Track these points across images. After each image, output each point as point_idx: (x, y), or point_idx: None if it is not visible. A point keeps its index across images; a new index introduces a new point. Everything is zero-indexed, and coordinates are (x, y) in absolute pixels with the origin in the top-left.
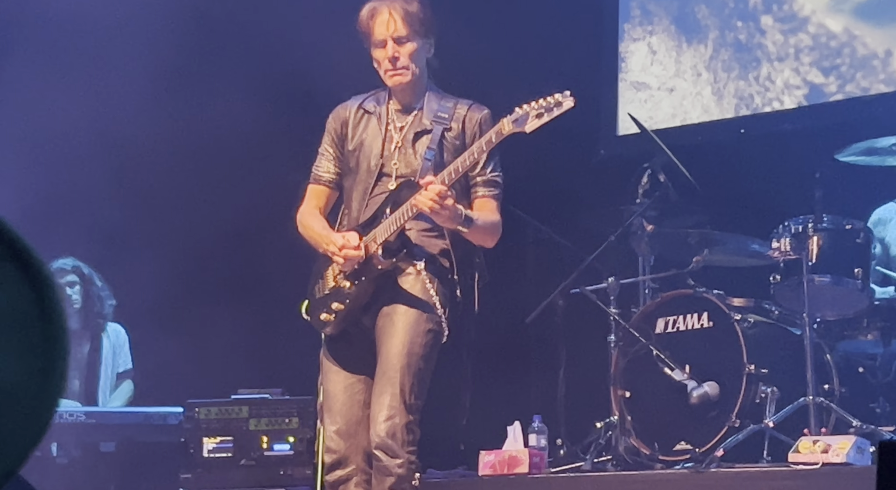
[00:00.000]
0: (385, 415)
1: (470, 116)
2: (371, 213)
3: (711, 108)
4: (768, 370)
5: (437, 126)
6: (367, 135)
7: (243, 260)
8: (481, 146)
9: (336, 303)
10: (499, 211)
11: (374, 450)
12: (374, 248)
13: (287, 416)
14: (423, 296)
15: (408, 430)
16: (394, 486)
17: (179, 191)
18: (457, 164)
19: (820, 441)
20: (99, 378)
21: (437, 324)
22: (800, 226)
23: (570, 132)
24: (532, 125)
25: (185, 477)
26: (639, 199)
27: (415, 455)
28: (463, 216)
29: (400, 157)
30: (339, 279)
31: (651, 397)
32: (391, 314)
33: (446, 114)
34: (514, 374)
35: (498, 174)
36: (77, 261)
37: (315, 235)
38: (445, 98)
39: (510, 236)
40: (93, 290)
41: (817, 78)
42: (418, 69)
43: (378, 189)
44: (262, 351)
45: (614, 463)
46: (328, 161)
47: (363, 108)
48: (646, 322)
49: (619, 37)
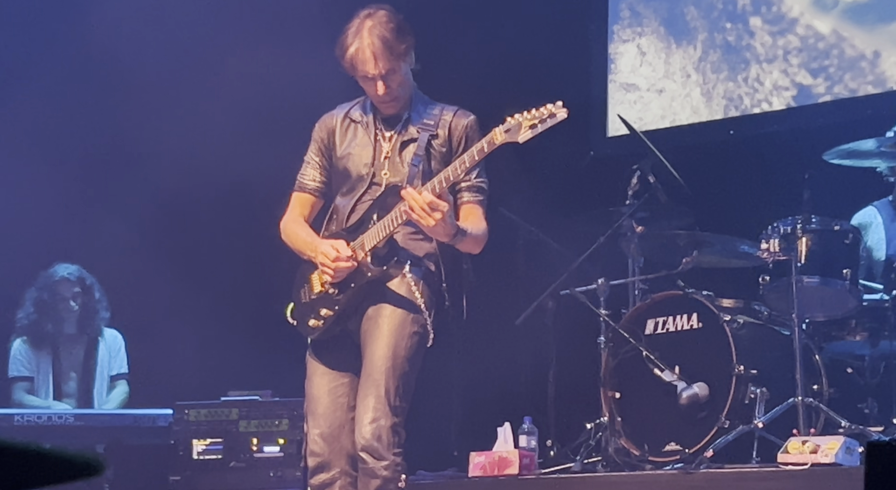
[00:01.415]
0: (370, 417)
1: (456, 123)
2: (357, 219)
3: (700, 110)
4: (757, 371)
5: (423, 133)
6: (356, 143)
7: (233, 262)
8: (473, 156)
9: (325, 309)
10: (485, 217)
11: (359, 452)
12: (363, 256)
13: (277, 418)
14: (408, 298)
15: (393, 432)
16: (380, 488)
17: (171, 194)
18: (447, 173)
19: (809, 441)
20: (94, 380)
21: (422, 326)
22: (789, 227)
23: (560, 133)
24: (524, 136)
25: (174, 479)
26: (628, 201)
27: (400, 457)
28: (456, 229)
29: (389, 166)
30: (326, 286)
31: (641, 398)
32: (376, 317)
33: (432, 121)
34: (503, 375)
35: (483, 180)
36: (82, 270)
37: (300, 243)
38: (431, 105)
39: (500, 238)
40: (90, 301)
41: (806, 79)
42: (407, 89)
43: (366, 196)
44: (251, 353)
45: (604, 464)
46: (314, 169)
47: (349, 116)
48: (635, 323)
49: (608, 38)
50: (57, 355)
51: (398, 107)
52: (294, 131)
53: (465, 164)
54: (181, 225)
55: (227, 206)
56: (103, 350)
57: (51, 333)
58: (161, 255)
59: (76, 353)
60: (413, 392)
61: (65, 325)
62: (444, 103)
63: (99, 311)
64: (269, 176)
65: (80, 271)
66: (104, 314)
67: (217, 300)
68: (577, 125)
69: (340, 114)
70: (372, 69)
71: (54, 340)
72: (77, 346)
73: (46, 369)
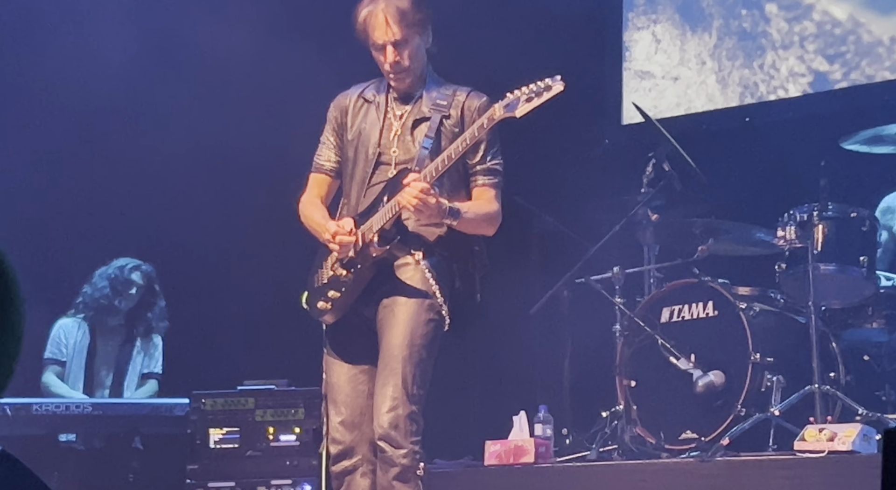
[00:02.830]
0: (388, 405)
1: (469, 104)
2: (369, 202)
3: (716, 97)
4: (774, 359)
5: (435, 114)
6: (366, 124)
7: (248, 251)
8: (473, 132)
9: (332, 291)
10: (498, 199)
11: (377, 441)
12: (371, 236)
13: (293, 407)
14: (422, 286)
15: (411, 420)
16: (398, 476)
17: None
18: (450, 151)
19: (826, 429)
20: (126, 375)
21: (437, 313)
22: (805, 214)
23: (575, 122)
24: (522, 109)
25: (191, 468)
26: (643, 189)
27: (418, 445)
28: (447, 210)
29: (399, 144)
30: (336, 268)
31: (656, 386)
32: (391, 305)
33: (445, 101)
34: (519, 364)
35: (498, 162)
36: (154, 273)
37: (314, 225)
38: (445, 85)
39: (515, 227)
40: (150, 302)
41: (822, 66)
42: (419, 64)
43: (377, 177)
44: (267, 342)
45: (620, 452)
46: (329, 149)
47: (363, 96)
48: (651, 311)
49: (623, 26)
50: (94, 344)
51: (409, 82)
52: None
53: (465, 142)
54: (197, 213)
55: (243, 195)
56: (139, 347)
57: (101, 316)
58: (176, 243)
59: (112, 345)
60: (430, 380)
61: (112, 316)
62: (457, 85)
63: (154, 314)
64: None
65: (153, 273)
66: (159, 323)
67: (233, 289)
68: (592, 113)
69: (354, 94)
70: (383, 35)
71: (95, 328)
72: (115, 340)
73: (80, 357)
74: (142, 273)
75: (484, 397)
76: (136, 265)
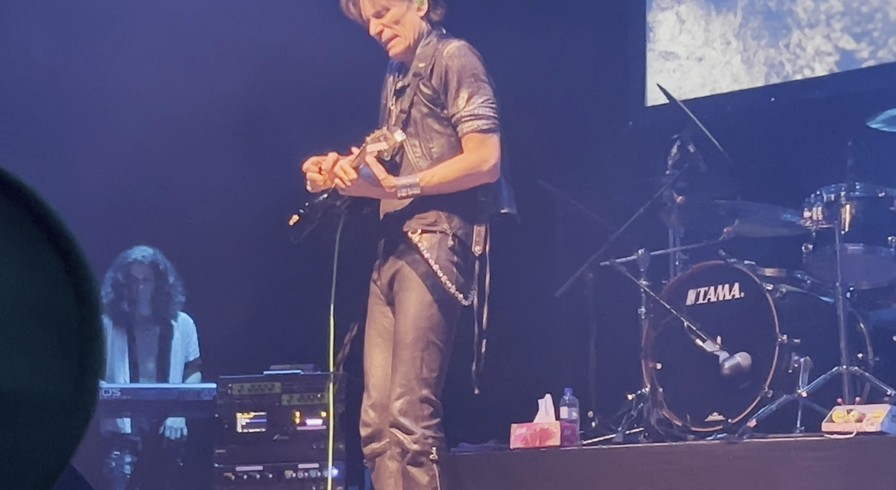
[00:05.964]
0: (396, 393)
1: (439, 56)
2: None
3: (741, 77)
4: (801, 340)
5: (415, 79)
6: (382, 99)
7: (274, 235)
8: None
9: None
10: (486, 144)
11: (390, 428)
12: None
13: (320, 391)
14: (424, 268)
15: (422, 404)
16: (410, 460)
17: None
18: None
19: (854, 410)
20: (169, 364)
21: (443, 292)
22: (832, 194)
23: (599, 104)
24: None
25: (219, 452)
26: (668, 171)
27: (433, 429)
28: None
29: (390, 117)
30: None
31: (682, 369)
32: (399, 291)
33: (425, 62)
34: (544, 347)
35: (480, 104)
36: (158, 254)
37: None
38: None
39: (539, 210)
40: (164, 285)
41: (849, 44)
42: (411, 31)
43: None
44: (294, 326)
45: (646, 435)
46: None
47: (391, 72)
48: (676, 293)
49: (647, 6)
50: (132, 337)
51: (402, 50)
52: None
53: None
54: (223, 196)
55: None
56: (177, 335)
57: (127, 314)
58: (201, 227)
59: (151, 335)
60: (448, 361)
61: (139, 307)
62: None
63: (173, 295)
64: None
65: (155, 255)
66: (179, 299)
67: (259, 274)
68: (616, 95)
69: (390, 75)
70: (364, 11)
71: (130, 322)
72: (152, 329)
73: (122, 351)
74: (140, 265)
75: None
76: (132, 260)
